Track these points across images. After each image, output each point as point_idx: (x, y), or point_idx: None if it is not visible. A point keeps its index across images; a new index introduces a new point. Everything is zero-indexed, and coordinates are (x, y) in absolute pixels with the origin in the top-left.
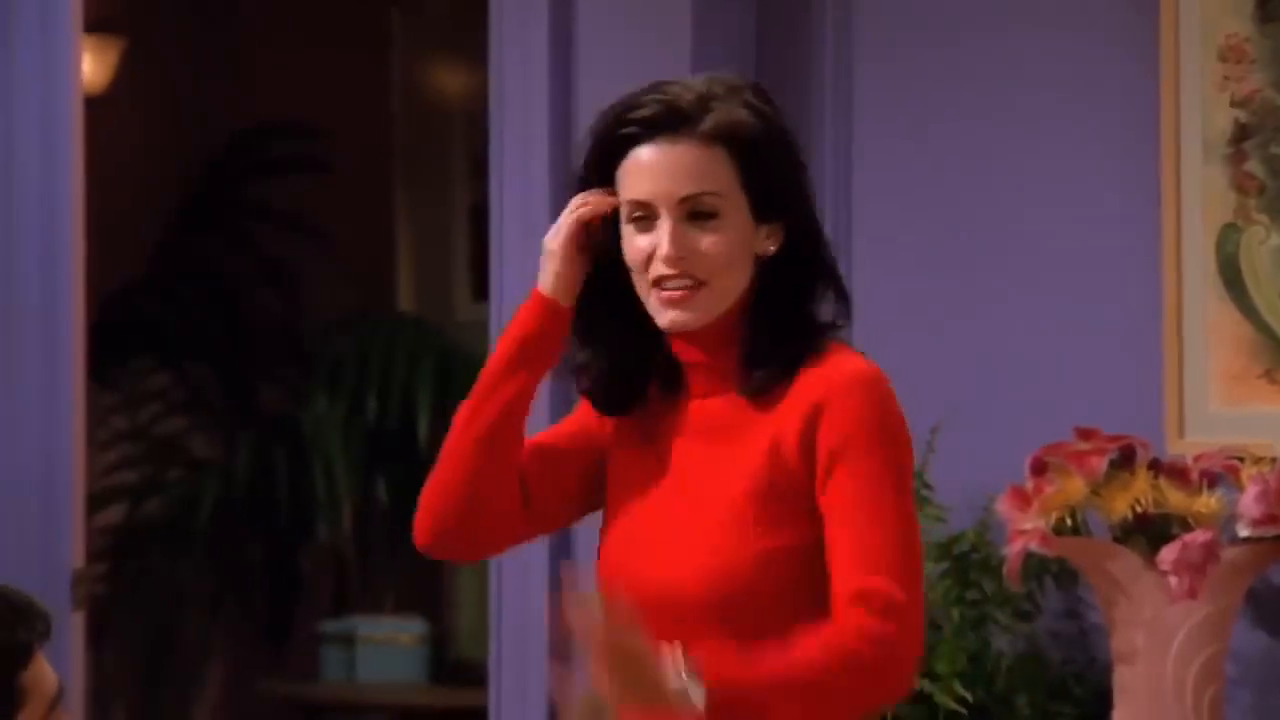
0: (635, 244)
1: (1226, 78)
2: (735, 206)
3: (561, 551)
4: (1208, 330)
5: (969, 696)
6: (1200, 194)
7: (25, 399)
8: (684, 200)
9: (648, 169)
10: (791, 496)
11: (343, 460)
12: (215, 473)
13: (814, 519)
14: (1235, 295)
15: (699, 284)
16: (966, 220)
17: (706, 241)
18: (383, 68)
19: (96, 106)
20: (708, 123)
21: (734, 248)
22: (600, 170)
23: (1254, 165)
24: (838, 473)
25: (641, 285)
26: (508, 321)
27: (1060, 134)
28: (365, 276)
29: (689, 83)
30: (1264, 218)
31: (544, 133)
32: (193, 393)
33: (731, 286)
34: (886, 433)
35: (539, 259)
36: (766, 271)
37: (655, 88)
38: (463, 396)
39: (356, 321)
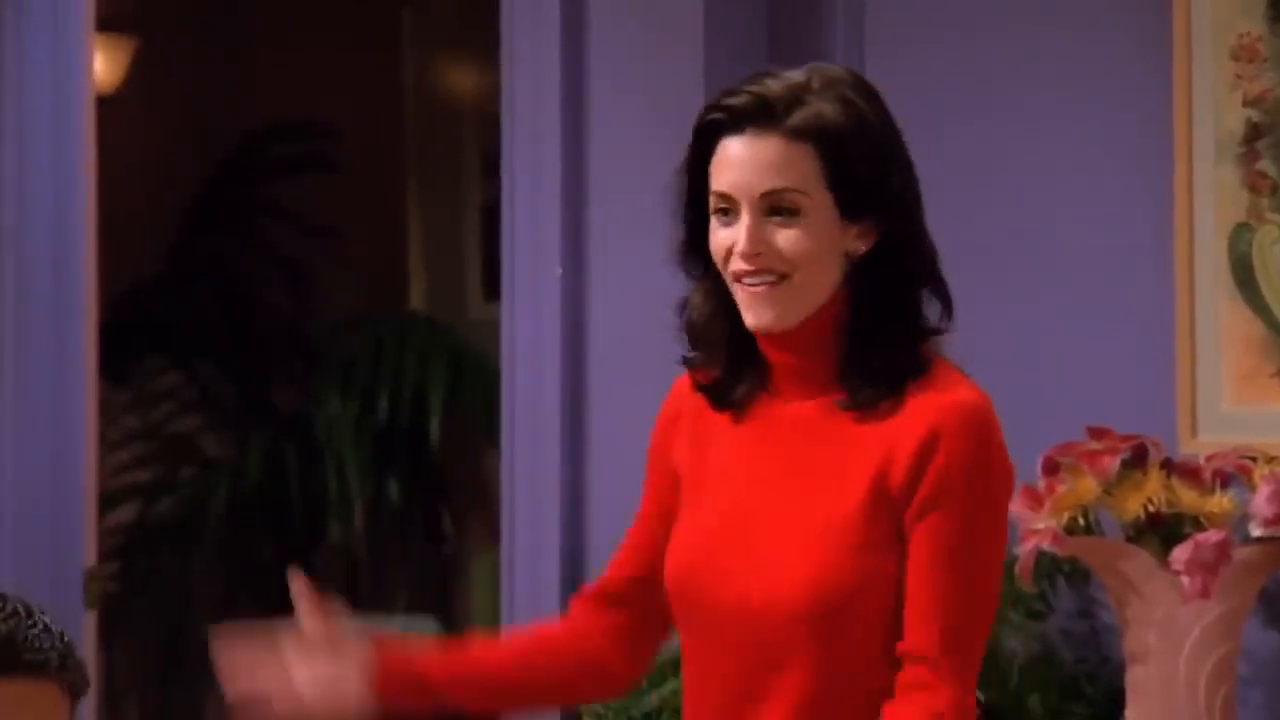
0: (717, 237)
1: (1239, 77)
2: (819, 204)
3: (574, 549)
4: (1220, 330)
5: (981, 696)
6: (1212, 193)
7: (37, 398)
8: (765, 195)
9: (732, 161)
10: (893, 521)
11: (354, 460)
12: (227, 472)
13: (904, 542)
14: (1247, 295)
15: (780, 279)
16: (977, 219)
17: (785, 237)
18: (394, 67)
19: (108, 106)
20: (796, 117)
21: (816, 245)
22: (696, 160)
23: (1266, 165)
24: (934, 515)
25: (729, 280)
26: (520, 321)
27: (1071, 133)
28: (376, 276)
29: (787, 75)
30: (1276, 217)
31: (555, 131)
32: (204, 392)
33: (816, 284)
34: (990, 481)
35: (551, 256)
36: (862, 274)
37: (753, 78)
38: (474, 396)
39: (368, 321)
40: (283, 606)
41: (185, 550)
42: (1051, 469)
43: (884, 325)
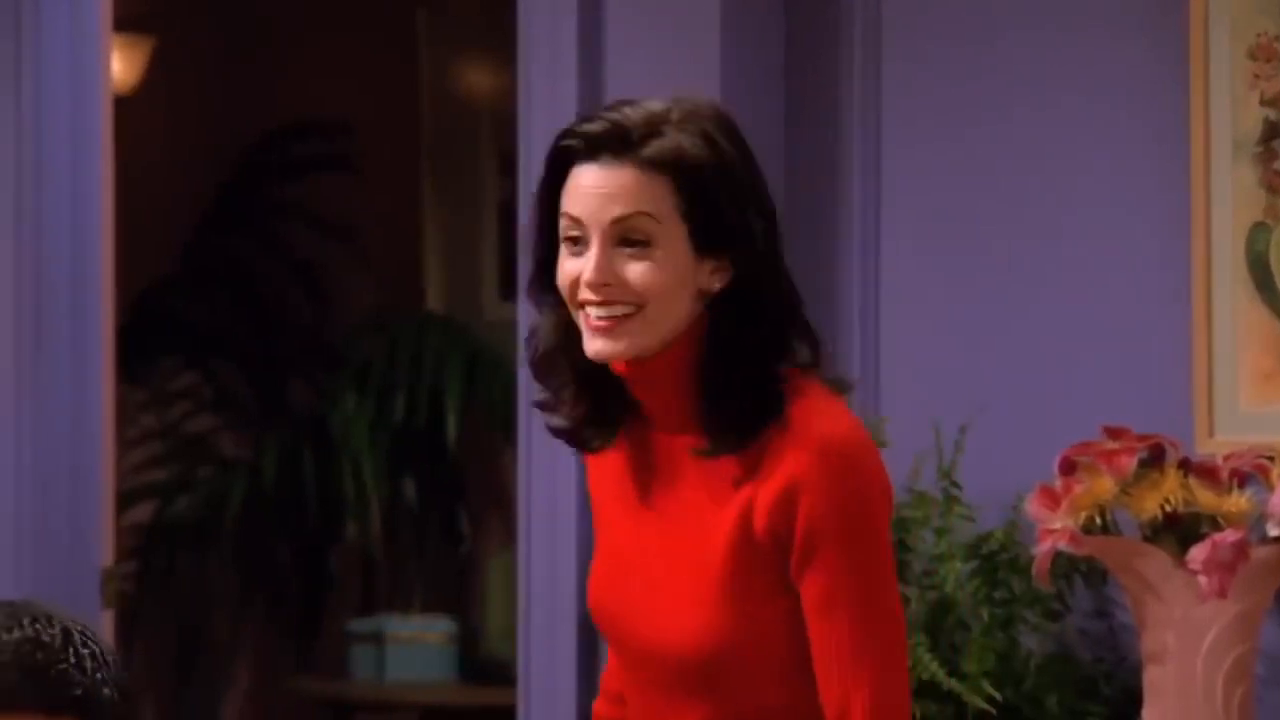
0: (564, 267)
1: (1256, 76)
2: (672, 236)
3: (591, 551)
4: (1237, 329)
5: (998, 696)
6: (1230, 193)
7: (54, 398)
8: (615, 223)
9: (584, 188)
10: (768, 570)
11: (371, 460)
12: (243, 472)
13: (795, 590)
14: (1265, 294)
15: (628, 312)
16: (994, 219)
17: (635, 269)
18: (410, 66)
19: (126, 106)
20: (652, 147)
21: (667, 278)
22: (549, 186)
23: None
24: (814, 564)
25: (573, 310)
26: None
27: (1088, 133)
28: (393, 276)
29: (647, 104)
30: None
31: None
32: (221, 392)
33: (665, 319)
34: (864, 519)
35: None
36: (717, 313)
37: (612, 106)
38: (490, 396)
39: (384, 321)
40: (299, 606)
41: (202, 550)
42: (1068, 469)
43: (736, 369)
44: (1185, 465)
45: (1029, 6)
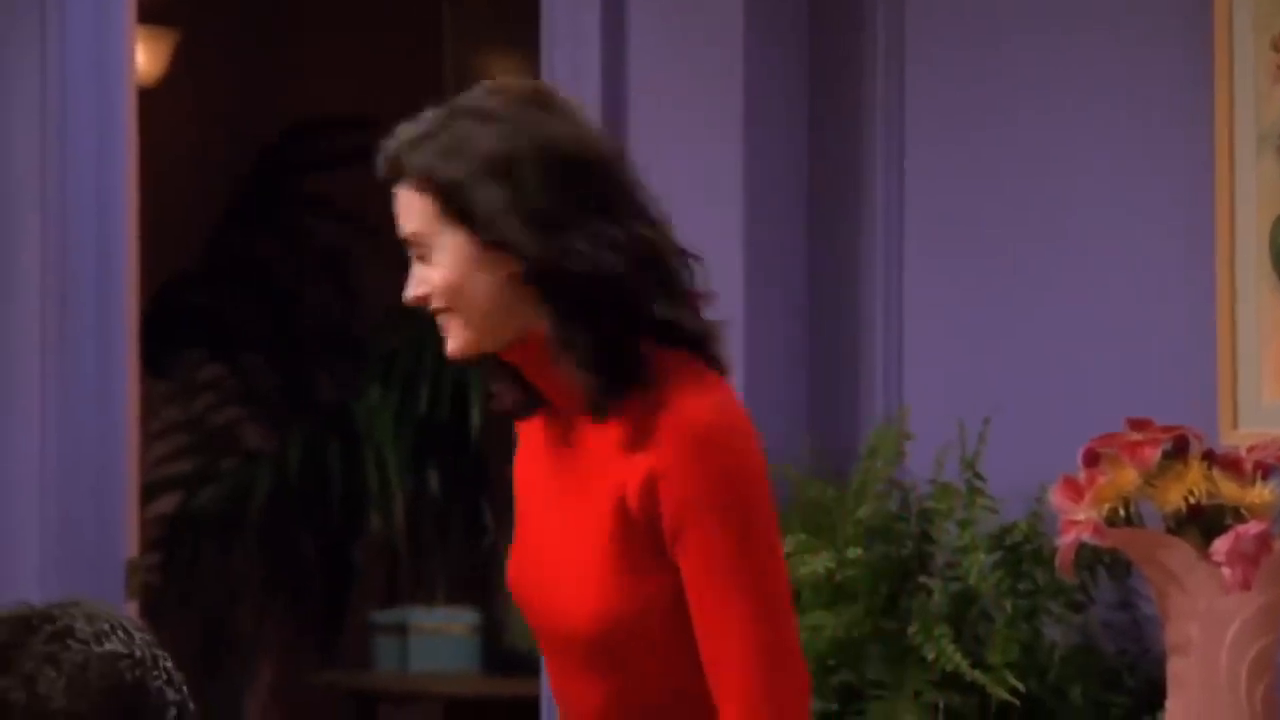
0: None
1: None
2: (450, 242)
3: None
4: (1261, 322)
5: (1021, 687)
6: (1254, 186)
7: (79, 390)
8: (407, 239)
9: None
10: (649, 546)
11: (395, 452)
12: (268, 463)
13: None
14: None
15: (445, 314)
16: (1018, 213)
17: (424, 274)
18: (434, 60)
19: (150, 98)
20: (411, 168)
21: (452, 278)
22: None
23: None
24: (686, 545)
25: None
26: None
27: (1113, 128)
28: None
29: (423, 116)
30: None
31: (595, 120)
32: (245, 384)
33: (474, 311)
34: (730, 498)
35: None
36: (548, 294)
37: (400, 126)
38: None
39: (409, 314)
40: (323, 598)
41: (226, 542)
42: (1092, 460)
43: (573, 346)
44: (1209, 457)
45: (1051, 4)
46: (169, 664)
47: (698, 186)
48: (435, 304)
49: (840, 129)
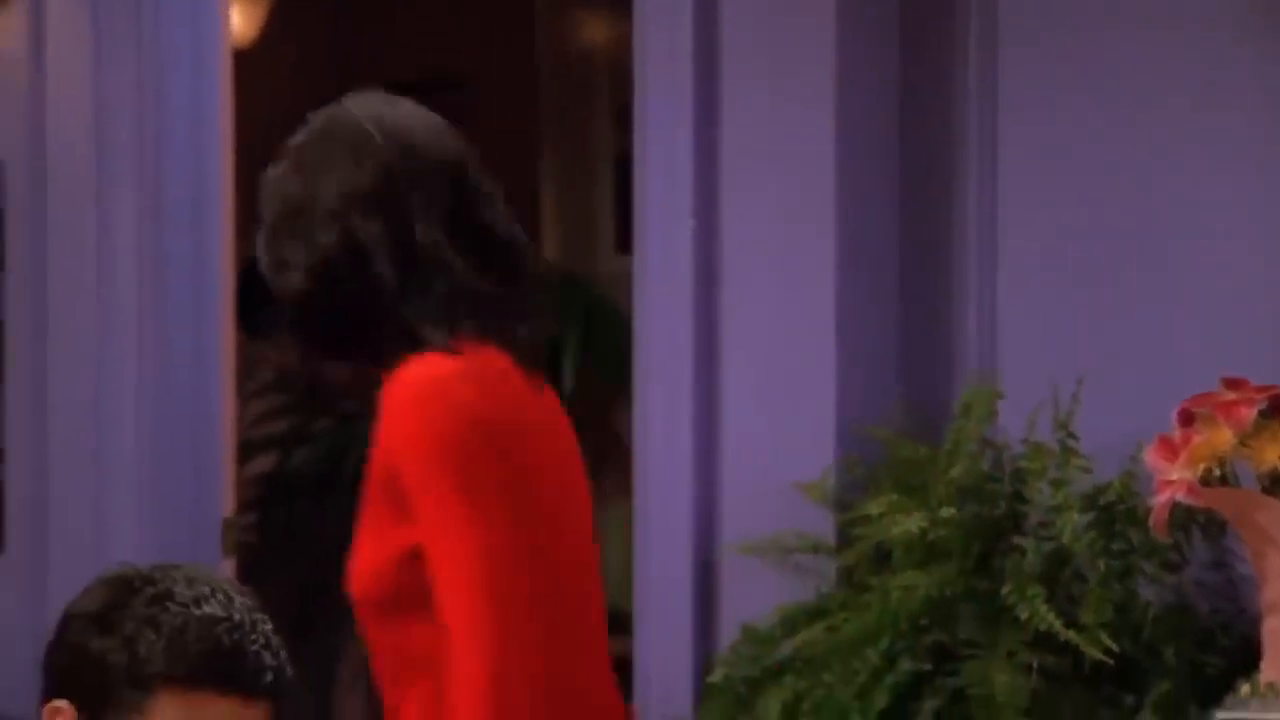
0: None
1: None
2: None
3: (707, 503)
4: None
5: (1115, 647)
6: None
7: (175, 350)
8: None
9: None
10: (397, 502)
11: None
12: (363, 425)
13: None
14: None
15: None
16: (1112, 174)
17: None
18: (527, 20)
19: (245, 60)
20: None
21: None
22: None
23: None
24: (410, 501)
25: None
26: (652, 273)
27: (1203, 90)
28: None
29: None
30: None
31: (688, 84)
32: None
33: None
34: (436, 453)
35: (683, 208)
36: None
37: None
38: (606, 346)
39: None
40: None
41: (321, 501)
42: (1187, 420)
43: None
44: None
45: None
46: (268, 628)
47: (792, 148)
48: None
49: (933, 87)
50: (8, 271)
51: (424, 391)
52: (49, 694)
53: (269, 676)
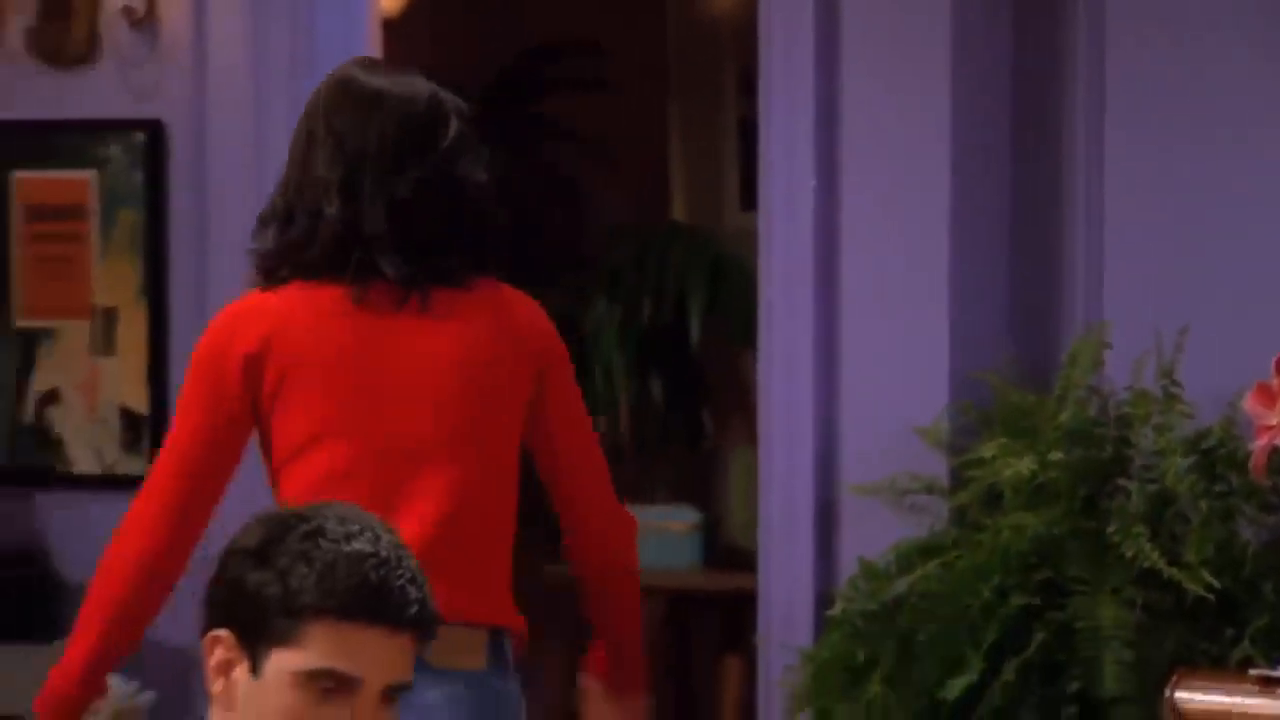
0: None
1: None
2: None
3: (828, 448)
4: None
5: (1215, 584)
6: None
7: None
8: None
9: None
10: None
11: (620, 361)
12: None
13: None
14: None
15: None
16: (1218, 125)
17: None
18: None
19: (392, 28)
20: None
21: None
22: None
23: None
24: None
25: None
26: (776, 230)
27: None
28: (641, 188)
29: None
30: None
31: (809, 49)
32: None
33: None
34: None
35: (805, 168)
36: None
37: None
38: (731, 299)
39: (633, 230)
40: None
41: None
42: None
43: None
44: None
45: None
46: (413, 564)
47: (909, 112)
48: None
49: (1043, 43)
50: (171, 231)
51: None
52: (210, 625)
53: (414, 609)
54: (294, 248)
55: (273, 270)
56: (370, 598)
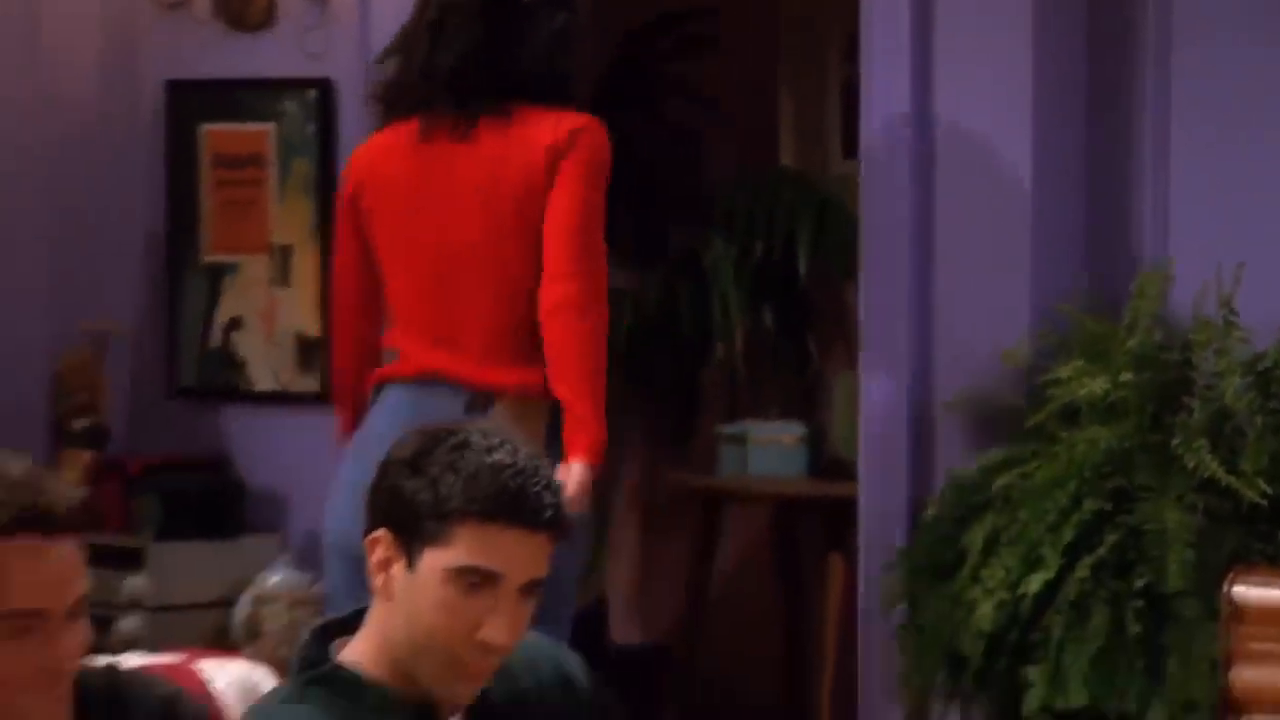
0: None
1: None
2: None
3: (922, 371)
4: None
5: (1269, 490)
6: None
7: None
8: None
9: None
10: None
11: (735, 293)
12: (630, 301)
13: None
14: None
15: None
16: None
17: None
18: None
19: None
20: None
21: None
22: None
23: None
24: None
25: None
26: (874, 175)
27: None
28: (754, 138)
29: None
30: None
31: (907, 14)
32: (612, 235)
33: None
34: None
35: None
36: None
37: None
38: (835, 238)
39: (747, 177)
40: (676, 414)
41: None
42: None
43: None
44: None
45: None
46: (548, 473)
47: (995, 71)
48: None
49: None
50: (339, 177)
51: None
52: (372, 527)
53: (548, 512)
54: (388, 89)
55: (379, 113)
56: (510, 502)
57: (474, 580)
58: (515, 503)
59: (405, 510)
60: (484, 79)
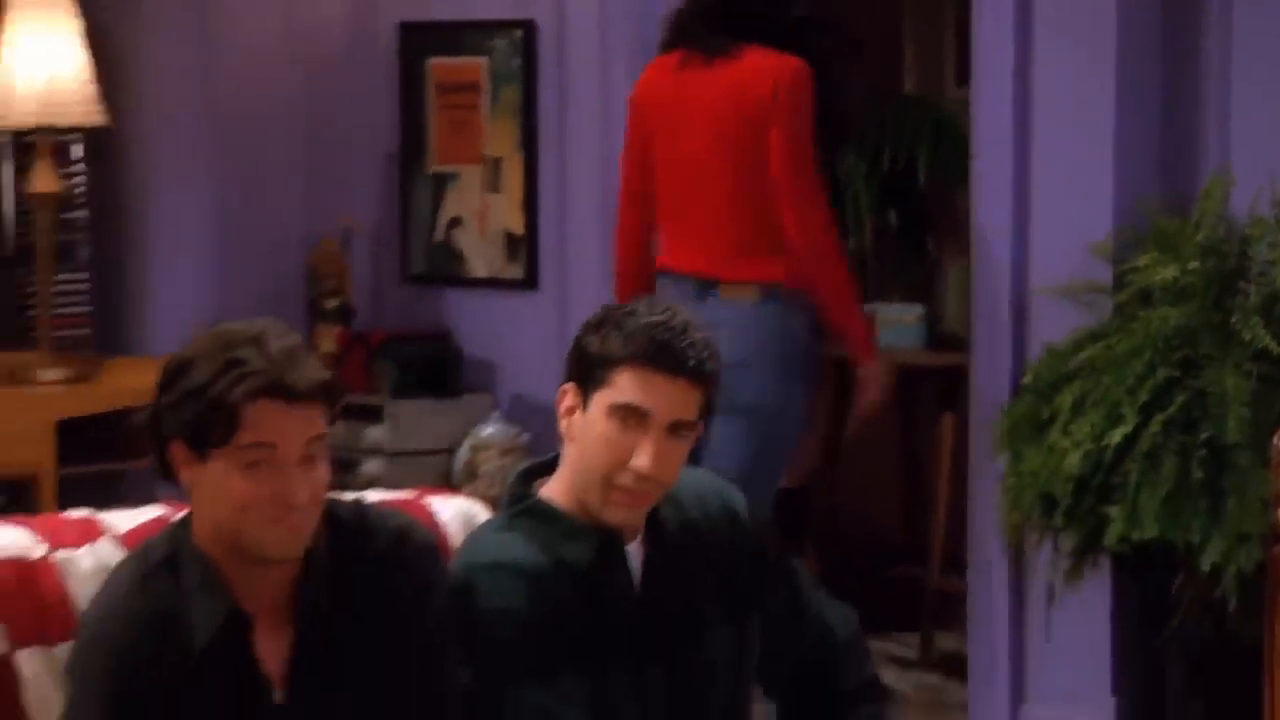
0: None
1: None
2: None
3: (1022, 260)
4: None
5: None
6: None
7: None
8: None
9: None
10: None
11: (865, 196)
12: None
13: None
14: None
15: None
16: None
17: None
18: None
19: None
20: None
21: None
22: None
23: None
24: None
25: None
26: (984, 99)
27: None
28: (881, 68)
29: None
30: None
31: None
32: None
33: None
34: None
35: (1006, 50)
36: None
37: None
38: (950, 156)
39: (875, 101)
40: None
41: None
42: None
43: None
44: None
45: None
46: (698, 334)
47: (1083, 6)
48: None
49: None
50: (540, 102)
51: None
52: (564, 380)
53: (692, 363)
54: (664, 27)
55: (661, 42)
56: (658, 351)
57: (628, 416)
58: (663, 352)
59: (583, 362)
60: (728, 20)
